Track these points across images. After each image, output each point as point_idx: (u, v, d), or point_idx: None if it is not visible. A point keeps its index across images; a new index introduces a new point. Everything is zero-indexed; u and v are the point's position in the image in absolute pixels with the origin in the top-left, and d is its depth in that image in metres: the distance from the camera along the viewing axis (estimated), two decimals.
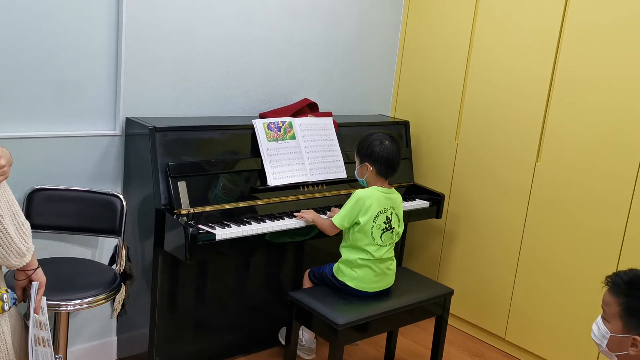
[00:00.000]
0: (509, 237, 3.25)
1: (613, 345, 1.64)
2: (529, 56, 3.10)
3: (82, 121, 2.59)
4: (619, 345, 1.63)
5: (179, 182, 2.53)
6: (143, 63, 2.68)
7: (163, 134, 2.54)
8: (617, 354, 1.65)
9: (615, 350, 1.64)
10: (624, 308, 1.60)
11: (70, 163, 2.58)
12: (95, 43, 2.54)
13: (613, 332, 1.63)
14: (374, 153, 2.59)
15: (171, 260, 2.63)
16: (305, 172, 2.93)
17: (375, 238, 2.58)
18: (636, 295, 1.60)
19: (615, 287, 1.64)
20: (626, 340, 1.61)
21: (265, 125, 2.85)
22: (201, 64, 2.87)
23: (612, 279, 1.66)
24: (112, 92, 2.64)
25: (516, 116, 3.17)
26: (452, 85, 3.48)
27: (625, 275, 1.64)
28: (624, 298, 1.61)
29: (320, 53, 3.35)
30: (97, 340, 2.82)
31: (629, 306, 1.60)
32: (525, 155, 3.15)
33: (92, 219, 2.55)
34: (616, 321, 1.63)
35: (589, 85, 2.87)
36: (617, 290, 1.63)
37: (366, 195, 2.57)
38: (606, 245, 2.85)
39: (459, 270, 3.52)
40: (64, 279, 2.31)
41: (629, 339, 1.60)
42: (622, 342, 1.62)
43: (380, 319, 2.54)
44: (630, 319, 1.60)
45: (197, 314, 2.82)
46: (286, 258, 3.13)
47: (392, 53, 3.74)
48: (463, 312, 3.52)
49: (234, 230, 2.52)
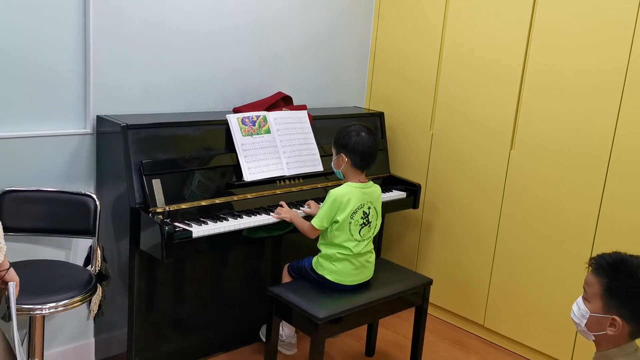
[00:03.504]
0: (485, 225, 3.28)
1: (592, 325, 1.67)
2: (500, 46, 3.12)
3: (51, 120, 2.53)
4: (598, 325, 1.65)
5: (154, 179, 2.49)
6: (112, 60, 2.63)
7: (135, 131, 2.50)
8: (595, 334, 1.67)
9: (594, 330, 1.67)
10: (606, 288, 1.63)
11: (41, 163, 2.52)
12: (63, 40, 2.49)
13: (593, 312, 1.65)
14: (350, 144, 2.58)
15: (148, 259, 2.59)
16: (282, 167, 2.92)
17: (353, 234, 2.58)
18: (619, 277, 1.62)
19: (599, 268, 1.66)
20: (605, 320, 1.63)
21: (240, 120, 2.82)
22: (171, 59, 2.83)
23: (596, 260, 1.68)
24: (81, 90, 2.58)
25: (490, 105, 3.20)
26: (426, 75, 3.48)
27: (609, 257, 1.66)
28: (606, 279, 1.63)
29: (293, 46, 3.33)
30: (75, 342, 2.78)
31: (610, 287, 1.62)
32: (499, 143, 3.17)
33: (65, 220, 2.50)
34: (597, 301, 1.65)
35: (560, 73, 2.90)
36: (601, 271, 1.65)
37: (342, 193, 2.56)
38: (580, 231, 2.89)
39: (437, 259, 3.55)
40: (38, 282, 2.26)
41: (607, 319, 1.63)
42: (601, 322, 1.64)
43: (360, 312, 2.55)
44: (611, 300, 1.62)
45: (176, 312, 2.79)
46: (264, 253, 3.11)
47: (366, 44, 3.74)
48: (442, 301, 3.54)
49: (210, 227, 2.50)
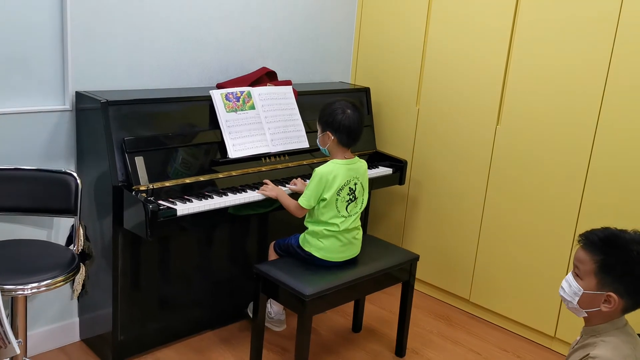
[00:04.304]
0: (471, 201, 3.28)
1: (584, 302, 1.65)
2: (487, 20, 3.09)
3: (29, 97, 2.46)
4: (591, 301, 1.64)
5: (136, 157, 2.44)
6: (90, 33, 2.55)
7: (116, 107, 2.44)
8: (588, 310, 1.66)
9: (587, 307, 1.65)
10: (600, 265, 1.60)
11: (19, 141, 2.45)
12: (39, 14, 2.40)
13: (586, 289, 1.63)
14: (336, 122, 2.54)
15: (132, 237, 2.56)
16: (267, 143, 2.88)
17: (340, 211, 2.56)
18: (612, 252, 1.60)
19: (590, 244, 1.63)
20: (599, 297, 1.62)
21: (224, 96, 2.77)
22: (152, 33, 2.75)
23: (587, 236, 1.65)
24: (59, 65, 2.51)
25: (476, 80, 3.17)
26: (412, 50, 3.44)
27: (600, 233, 1.63)
28: (600, 255, 1.61)
29: (277, 20, 3.26)
30: (58, 322, 2.75)
31: (605, 263, 1.60)
32: (485, 119, 3.16)
33: (46, 198, 2.44)
34: (590, 278, 1.63)
35: (547, 47, 2.88)
36: (592, 248, 1.62)
37: (327, 171, 2.53)
38: (566, 206, 2.90)
39: (423, 235, 3.55)
40: (20, 262, 2.22)
41: (602, 295, 1.61)
42: (595, 299, 1.63)
43: (347, 288, 2.54)
44: (605, 277, 1.60)
45: (161, 291, 2.77)
46: (250, 231, 3.08)
47: (351, 19, 3.68)
48: (428, 276, 3.56)
49: (195, 205, 2.46)
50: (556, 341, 3.04)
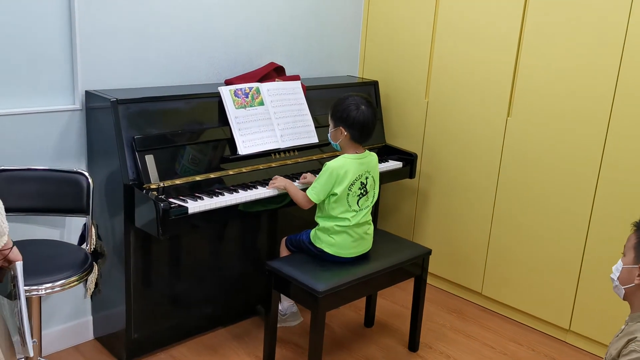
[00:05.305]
0: (482, 193, 3.26)
1: (624, 278, 1.71)
2: (497, 11, 3.05)
3: (39, 97, 2.46)
4: (628, 276, 1.70)
5: (147, 155, 2.44)
6: (99, 32, 2.55)
7: (126, 106, 2.44)
8: (626, 287, 1.71)
9: (625, 283, 1.71)
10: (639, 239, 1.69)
11: (30, 141, 2.46)
12: (47, 14, 2.40)
13: (625, 264, 1.71)
14: (350, 118, 2.52)
15: (143, 236, 2.56)
16: (276, 139, 2.87)
17: (351, 205, 2.55)
18: None
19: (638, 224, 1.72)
20: (634, 271, 1.68)
21: (232, 92, 2.76)
22: (160, 31, 2.75)
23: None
24: (68, 65, 2.50)
25: (486, 71, 3.14)
26: (420, 42, 3.42)
27: None
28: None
29: (284, 15, 3.24)
30: (72, 321, 2.76)
31: None
32: (496, 110, 3.13)
33: (58, 198, 2.45)
34: (630, 253, 1.71)
35: (558, 37, 2.85)
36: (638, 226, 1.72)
37: (339, 165, 2.51)
38: (579, 198, 2.88)
39: (434, 229, 3.54)
40: (34, 262, 2.22)
41: (636, 269, 1.67)
42: (631, 273, 1.69)
43: (360, 284, 2.53)
44: None
45: (173, 288, 2.77)
46: (261, 227, 3.08)
47: (358, 12, 3.65)
48: (439, 270, 3.54)
49: (206, 203, 2.46)
50: (571, 334, 3.02)
